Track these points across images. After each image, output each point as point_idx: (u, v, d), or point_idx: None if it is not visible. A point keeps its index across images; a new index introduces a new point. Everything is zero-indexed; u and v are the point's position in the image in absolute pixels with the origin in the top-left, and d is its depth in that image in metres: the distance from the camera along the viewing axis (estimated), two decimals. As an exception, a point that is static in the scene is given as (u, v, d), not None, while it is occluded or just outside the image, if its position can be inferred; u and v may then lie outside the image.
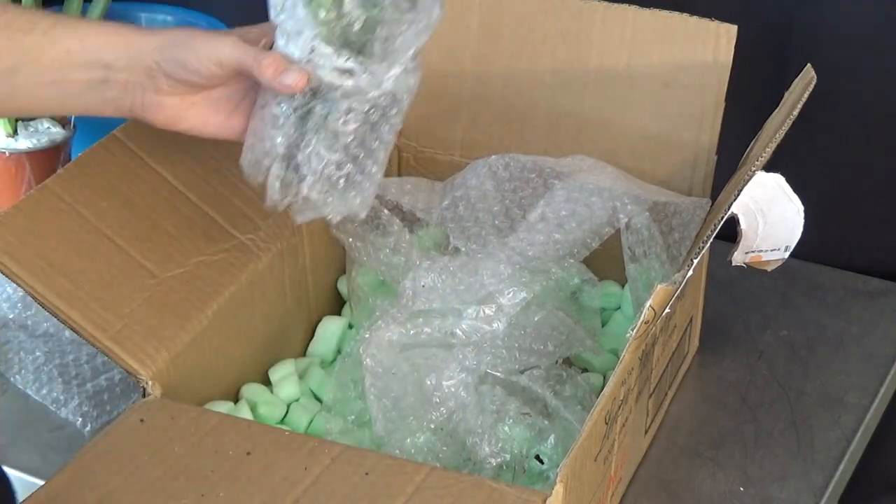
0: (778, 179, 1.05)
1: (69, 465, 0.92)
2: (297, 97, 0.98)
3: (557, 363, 1.10)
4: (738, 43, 1.18)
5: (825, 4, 1.34)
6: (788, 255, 1.08)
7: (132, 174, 1.10)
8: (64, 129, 1.40)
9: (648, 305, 0.93)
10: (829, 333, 1.30)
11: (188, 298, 1.07)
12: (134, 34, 0.98)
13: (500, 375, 1.08)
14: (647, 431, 1.13)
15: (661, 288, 0.93)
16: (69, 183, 1.07)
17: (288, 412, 1.14)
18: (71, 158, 1.36)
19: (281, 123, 0.99)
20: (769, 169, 1.04)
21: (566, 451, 0.91)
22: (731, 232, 1.06)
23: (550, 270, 1.12)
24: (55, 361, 1.22)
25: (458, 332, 1.08)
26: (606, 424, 0.96)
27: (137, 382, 1.01)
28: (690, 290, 1.18)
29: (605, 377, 1.16)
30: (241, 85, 1.00)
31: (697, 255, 0.98)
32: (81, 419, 1.17)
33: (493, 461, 1.03)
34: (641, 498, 1.10)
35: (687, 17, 1.19)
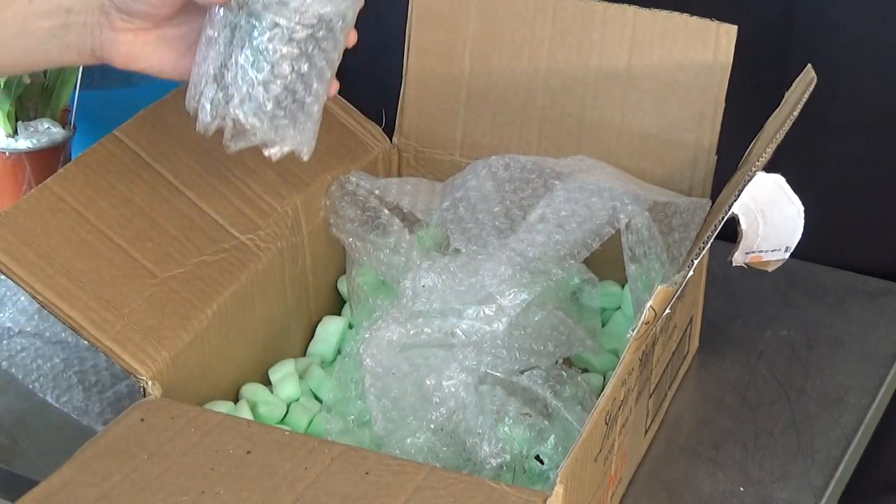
0: (778, 179, 1.05)
1: (69, 463, 0.92)
2: (228, 15, 0.98)
3: (557, 363, 1.10)
4: (738, 43, 1.18)
5: (826, 4, 1.34)
6: (789, 255, 1.08)
7: (132, 174, 1.10)
8: (64, 129, 1.40)
9: (649, 306, 0.93)
10: (828, 333, 1.29)
11: (188, 298, 1.07)
12: None
13: (500, 376, 1.08)
14: (647, 431, 1.13)
15: (661, 289, 0.93)
16: (69, 183, 1.07)
17: (288, 412, 1.14)
18: (71, 158, 1.36)
19: (214, 43, 0.99)
20: (769, 169, 1.04)
21: (566, 451, 0.91)
22: (731, 232, 1.06)
23: (551, 271, 1.12)
24: (74, 368, 1.22)
25: (458, 332, 1.08)
26: (606, 425, 0.96)
27: (137, 382, 1.01)
28: (690, 290, 1.18)
29: (605, 377, 1.16)
30: (195, 24, 1.02)
31: (698, 255, 0.98)
32: (104, 427, 1.16)
33: (493, 461, 1.03)
34: (641, 498, 1.10)
35: (687, 17, 1.19)
